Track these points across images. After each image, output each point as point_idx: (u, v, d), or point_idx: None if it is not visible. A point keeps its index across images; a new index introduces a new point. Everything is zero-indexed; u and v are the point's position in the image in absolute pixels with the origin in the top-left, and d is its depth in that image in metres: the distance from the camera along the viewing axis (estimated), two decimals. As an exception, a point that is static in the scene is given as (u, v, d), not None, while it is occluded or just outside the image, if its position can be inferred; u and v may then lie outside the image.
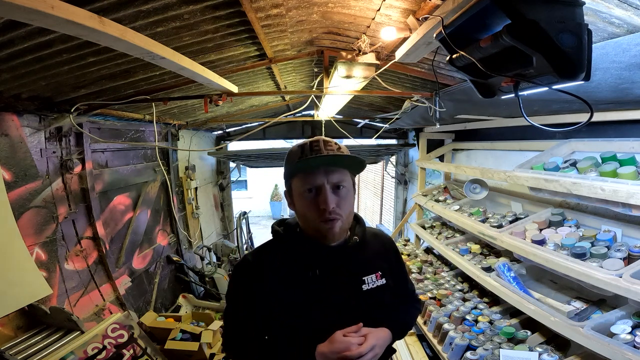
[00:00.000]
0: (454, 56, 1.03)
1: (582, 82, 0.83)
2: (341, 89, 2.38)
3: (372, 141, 5.37)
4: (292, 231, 1.02)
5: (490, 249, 2.57)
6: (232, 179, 6.20)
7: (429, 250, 3.60)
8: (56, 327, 2.08)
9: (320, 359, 0.88)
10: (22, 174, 2.08)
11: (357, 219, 1.08)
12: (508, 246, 2.03)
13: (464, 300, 2.49)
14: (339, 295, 0.97)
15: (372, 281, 1.01)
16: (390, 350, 1.08)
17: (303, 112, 3.80)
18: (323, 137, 0.99)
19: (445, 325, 2.21)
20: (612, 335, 1.39)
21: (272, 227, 1.06)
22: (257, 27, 1.68)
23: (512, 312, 2.23)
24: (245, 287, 1.00)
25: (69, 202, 2.43)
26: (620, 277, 1.38)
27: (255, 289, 0.97)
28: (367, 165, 1.18)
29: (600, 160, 1.66)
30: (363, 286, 1.00)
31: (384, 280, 1.03)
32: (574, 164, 1.77)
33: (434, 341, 2.33)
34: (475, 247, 2.60)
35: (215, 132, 5.54)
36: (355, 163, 0.96)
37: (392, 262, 1.11)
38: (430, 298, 2.59)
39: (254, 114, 4.61)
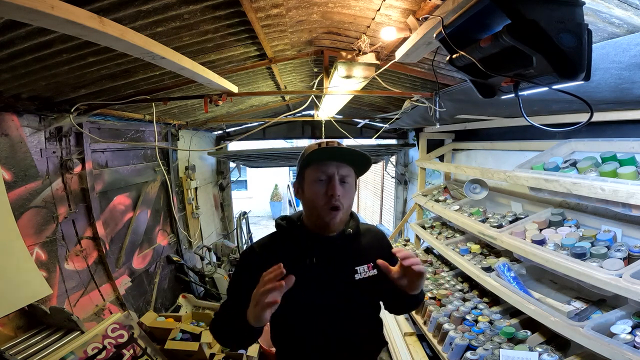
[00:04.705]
0: (454, 56, 1.03)
1: (582, 82, 0.83)
2: (341, 89, 2.38)
3: (372, 141, 5.37)
4: (294, 224, 1.14)
5: (490, 249, 2.57)
6: (232, 179, 6.19)
7: (429, 250, 3.60)
8: (56, 327, 2.08)
9: None
10: (22, 174, 2.08)
11: (352, 215, 1.19)
12: (508, 246, 2.03)
13: (464, 300, 2.49)
14: (334, 283, 1.08)
15: (364, 271, 1.12)
16: (382, 343, 1.21)
17: (303, 112, 3.80)
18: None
19: (445, 325, 2.21)
20: (612, 335, 1.39)
21: (276, 221, 1.18)
22: (257, 27, 1.68)
23: (512, 312, 2.23)
24: (249, 271, 1.06)
25: (69, 202, 2.43)
26: (620, 277, 1.38)
27: (258, 274, 0.99)
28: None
29: (600, 160, 1.66)
30: (355, 275, 1.10)
31: (375, 271, 1.12)
32: (574, 164, 1.77)
33: (434, 341, 2.33)
34: (475, 247, 2.60)
35: (215, 132, 5.53)
36: (364, 159, 1.10)
37: (385, 255, 1.14)
38: (430, 298, 2.59)
39: (254, 114, 4.61)
